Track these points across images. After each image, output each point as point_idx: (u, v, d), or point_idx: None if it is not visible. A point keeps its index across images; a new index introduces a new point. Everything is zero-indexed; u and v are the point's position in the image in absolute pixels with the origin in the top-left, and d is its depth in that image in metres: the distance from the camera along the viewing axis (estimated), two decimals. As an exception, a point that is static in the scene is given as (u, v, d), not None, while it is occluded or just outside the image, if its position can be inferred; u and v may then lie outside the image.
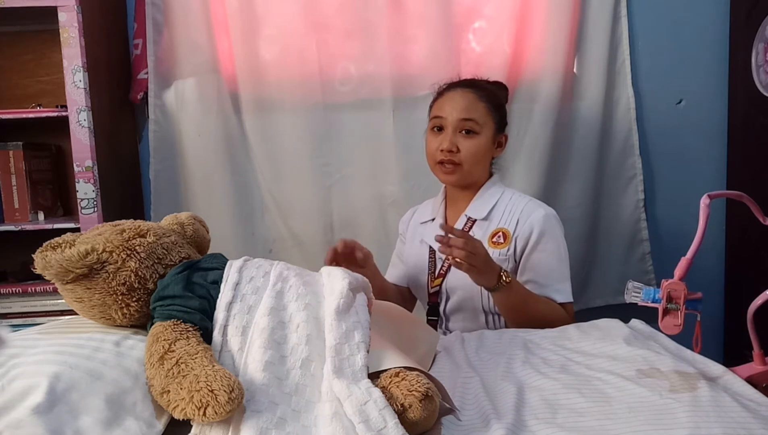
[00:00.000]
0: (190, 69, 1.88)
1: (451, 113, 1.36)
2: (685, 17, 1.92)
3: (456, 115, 1.35)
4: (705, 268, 1.95)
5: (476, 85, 1.41)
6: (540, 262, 1.34)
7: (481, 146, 1.37)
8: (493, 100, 1.40)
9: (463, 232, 1.22)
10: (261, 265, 0.93)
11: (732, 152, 1.95)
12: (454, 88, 1.41)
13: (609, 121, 1.93)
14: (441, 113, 1.38)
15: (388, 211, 1.93)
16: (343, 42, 1.87)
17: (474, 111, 1.36)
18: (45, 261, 0.83)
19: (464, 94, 1.38)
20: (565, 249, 1.37)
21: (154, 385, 0.75)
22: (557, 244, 1.35)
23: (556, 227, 1.36)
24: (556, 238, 1.35)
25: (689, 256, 0.86)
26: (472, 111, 1.36)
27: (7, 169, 1.75)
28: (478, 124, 1.36)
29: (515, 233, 1.35)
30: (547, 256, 1.34)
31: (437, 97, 1.44)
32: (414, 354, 0.95)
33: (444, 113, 1.37)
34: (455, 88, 1.40)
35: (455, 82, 1.44)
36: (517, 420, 0.77)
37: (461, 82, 1.43)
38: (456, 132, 1.36)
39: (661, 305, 0.84)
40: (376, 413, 0.70)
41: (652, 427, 0.72)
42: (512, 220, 1.36)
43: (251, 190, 1.96)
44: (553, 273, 1.34)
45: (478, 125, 1.36)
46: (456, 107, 1.36)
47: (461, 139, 1.36)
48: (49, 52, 1.88)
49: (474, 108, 1.36)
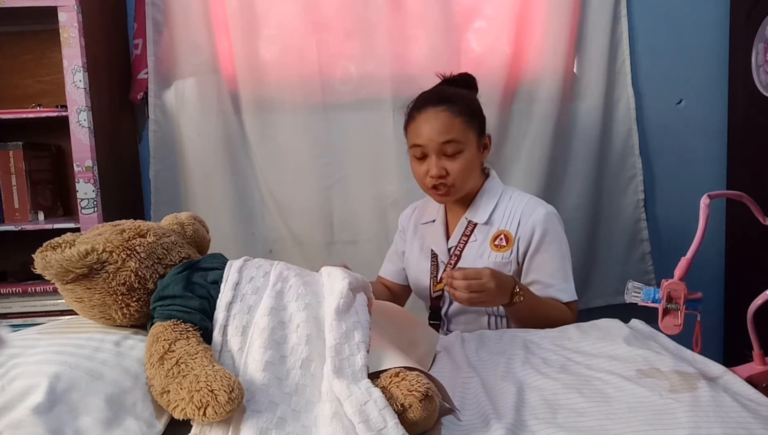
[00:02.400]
0: (190, 69, 1.88)
1: (431, 139, 1.30)
2: (685, 17, 1.92)
3: (436, 139, 1.29)
4: (705, 268, 1.95)
5: (446, 99, 1.33)
6: (544, 263, 1.33)
7: (469, 162, 1.32)
8: (467, 110, 1.33)
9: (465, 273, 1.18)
10: (261, 265, 0.93)
11: (732, 152, 1.95)
12: (424, 108, 1.33)
13: (609, 121, 1.94)
14: (419, 141, 1.32)
15: (388, 211, 1.93)
16: (343, 42, 1.87)
17: (452, 130, 1.30)
18: (45, 261, 0.82)
19: (437, 115, 1.30)
20: (567, 247, 1.37)
21: (154, 385, 0.75)
22: (560, 243, 1.35)
23: (557, 226, 1.36)
24: (559, 237, 1.35)
25: (689, 256, 0.86)
26: (451, 131, 1.30)
27: (7, 169, 1.75)
28: (461, 142, 1.30)
29: (517, 235, 1.34)
30: (550, 257, 1.33)
31: (409, 122, 1.37)
32: (414, 354, 0.95)
33: (422, 140, 1.31)
34: (425, 109, 1.32)
35: (422, 101, 1.35)
36: (517, 420, 0.77)
37: (429, 99, 1.34)
38: (440, 156, 1.31)
39: (661, 305, 0.84)
40: (376, 413, 0.70)
41: (652, 427, 0.72)
42: (513, 222, 1.36)
43: (251, 190, 1.96)
44: (557, 273, 1.33)
45: (460, 143, 1.30)
46: (433, 131, 1.30)
47: (447, 162, 1.31)
48: (49, 52, 1.88)
49: (451, 127, 1.30)
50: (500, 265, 1.33)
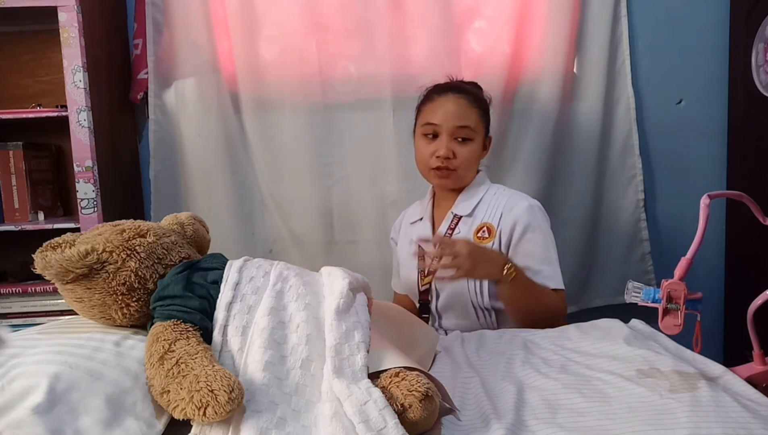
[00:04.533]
0: (190, 69, 1.88)
1: (447, 120, 1.36)
2: (685, 17, 1.92)
3: (452, 122, 1.36)
4: (705, 268, 1.95)
5: (465, 90, 1.41)
6: (528, 251, 1.34)
7: (475, 152, 1.39)
8: (482, 105, 1.42)
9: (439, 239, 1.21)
10: (261, 265, 0.93)
11: (732, 152, 1.95)
12: (444, 93, 1.40)
13: (609, 121, 1.93)
14: (434, 120, 1.38)
15: (388, 211, 1.93)
16: (343, 42, 1.87)
17: (468, 118, 1.37)
18: (45, 261, 0.83)
19: (457, 100, 1.38)
20: (552, 237, 1.38)
21: (154, 385, 0.75)
22: (543, 233, 1.36)
23: (539, 217, 1.37)
24: (541, 227, 1.36)
25: (689, 256, 0.86)
26: (467, 118, 1.37)
27: (7, 169, 1.75)
28: (473, 130, 1.37)
29: (499, 226, 1.36)
30: (533, 245, 1.34)
31: (426, 102, 1.43)
32: (414, 354, 0.95)
33: (438, 120, 1.37)
34: (446, 93, 1.40)
35: (443, 86, 1.43)
36: (517, 420, 0.77)
37: (450, 86, 1.43)
38: (451, 139, 1.36)
39: (661, 305, 0.84)
40: (376, 413, 0.70)
41: (652, 427, 0.72)
42: (496, 214, 1.38)
43: (251, 190, 1.96)
44: (542, 260, 1.34)
45: (473, 131, 1.37)
46: (450, 114, 1.36)
47: (456, 146, 1.37)
48: (49, 52, 1.88)
49: (468, 114, 1.37)
50: None
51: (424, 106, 1.44)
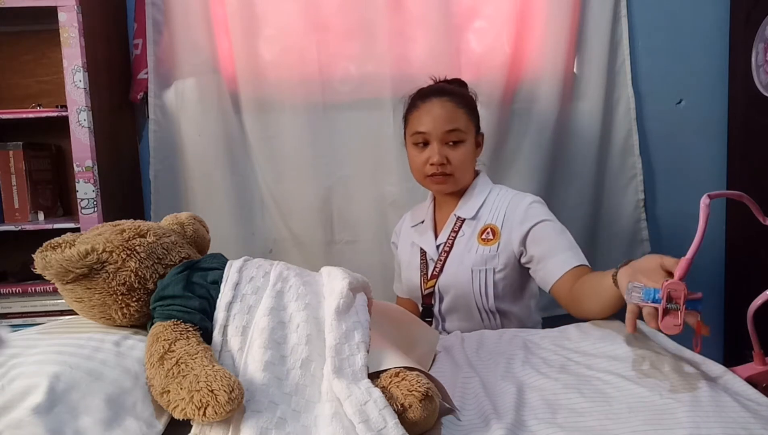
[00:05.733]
0: (190, 69, 1.88)
1: (435, 127, 1.34)
2: (685, 17, 1.92)
3: (440, 127, 1.34)
4: (705, 268, 1.95)
5: (448, 91, 1.38)
6: (545, 234, 1.30)
7: (468, 153, 1.37)
8: (468, 103, 1.39)
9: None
10: (261, 265, 0.93)
11: (732, 152, 1.95)
12: (428, 98, 1.37)
13: (609, 121, 1.93)
14: (422, 128, 1.35)
15: (388, 211, 1.93)
16: (343, 42, 1.87)
17: (456, 120, 1.34)
18: (45, 261, 0.82)
19: (442, 104, 1.35)
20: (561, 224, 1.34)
21: (154, 385, 0.75)
22: (552, 220, 1.33)
23: (544, 209, 1.36)
24: (550, 216, 1.33)
25: (689, 256, 0.85)
26: (455, 120, 1.34)
27: (7, 169, 1.75)
28: (463, 131, 1.35)
29: (503, 227, 1.35)
30: (547, 229, 1.31)
31: (411, 110, 1.41)
32: (414, 354, 0.95)
33: (425, 128, 1.35)
34: (430, 99, 1.37)
35: (426, 91, 1.40)
36: (517, 420, 0.77)
37: (433, 90, 1.40)
38: (442, 144, 1.35)
39: (661, 305, 0.84)
40: (376, 413, 0.70)
41: (652, 427, 0.72)
42: (499, 215, 1.37)
43: (251, 190, 1.96)
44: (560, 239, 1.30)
45: (463, 133, 1.35)
46: (438, 120, 1.34)
47: (449, 151, 1.35)
48: (49, 52, 1.88)
49: (455, 117, 1.35)
50: (487, 258, 1.34)
51: (410, 114, 1.41)
